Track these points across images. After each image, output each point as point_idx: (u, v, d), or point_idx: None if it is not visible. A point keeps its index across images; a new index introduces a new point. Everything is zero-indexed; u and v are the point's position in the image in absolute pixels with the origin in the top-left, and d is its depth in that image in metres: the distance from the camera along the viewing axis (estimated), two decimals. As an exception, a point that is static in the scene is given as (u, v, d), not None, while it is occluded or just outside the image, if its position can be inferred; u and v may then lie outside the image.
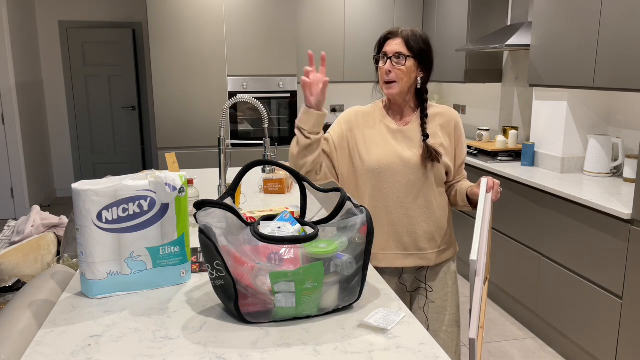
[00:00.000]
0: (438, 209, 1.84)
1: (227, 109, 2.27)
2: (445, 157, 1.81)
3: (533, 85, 3.40)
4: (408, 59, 1.72)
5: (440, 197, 1.85)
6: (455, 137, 1.84)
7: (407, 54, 1.72)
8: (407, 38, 1.72)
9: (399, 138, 1.81)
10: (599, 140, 3.13)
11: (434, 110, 1.84)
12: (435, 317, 1.90)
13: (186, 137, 4.93)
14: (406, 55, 1.72)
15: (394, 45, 1.73)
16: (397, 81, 1.74)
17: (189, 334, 1.25)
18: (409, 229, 1.82)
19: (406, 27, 1.78)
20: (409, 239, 1.83)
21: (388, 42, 1.74)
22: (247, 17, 4.84)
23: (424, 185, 1.80)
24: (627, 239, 2.43)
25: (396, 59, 1.72)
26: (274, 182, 2.70)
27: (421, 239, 1.83)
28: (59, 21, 6.35)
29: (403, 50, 1.72)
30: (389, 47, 1.73)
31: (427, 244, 1.84)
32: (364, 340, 1.22)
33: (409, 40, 1.72)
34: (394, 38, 1.74)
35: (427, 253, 1.85)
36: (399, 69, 1.73)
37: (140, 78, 6.68)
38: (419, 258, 1.85)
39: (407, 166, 1.78)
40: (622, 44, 2.65)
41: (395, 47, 1.72)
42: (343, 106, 5.71)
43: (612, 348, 2.55)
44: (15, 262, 2.22)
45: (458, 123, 1.85)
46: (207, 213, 1.29)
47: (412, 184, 1.79)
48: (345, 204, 1.43)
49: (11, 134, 5.59)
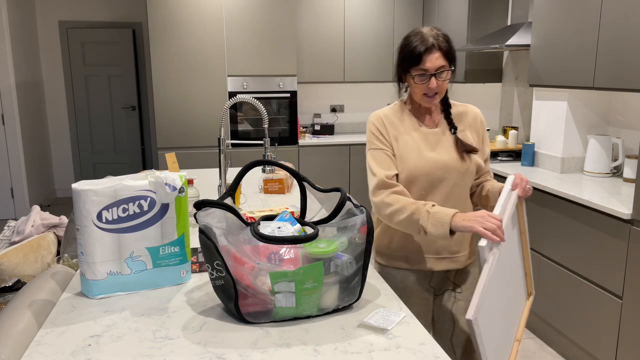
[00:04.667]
0: (471, 208, 1.82)
1: (227, 109, 2.27)
2: (477, 155, 1.78)
3: (533, 85, 3.40)
4: (448, 72, 1.64)
5: (469, 204, 1.83)
6: (481, 133, 1.82)
7: (449, 66, 1.64)
8: (445, 49, 1.63)
9: (432, 141, 1.75)
10: (599, 140, 3.13)
11: (457, 110, 1.80)
12: (461, 319, 1.88)
13: (186, 137, 4.93)
14: (448, 69, 1.64)
15: (435, 60, 1.62)
16: (439, 93, 1.68)
17: (189, 334, 1.25)
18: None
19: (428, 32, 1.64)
20: (443, 242, 1.80)
21: (426, 57, 1.61)
22: (247, 17, 4.84)
23: (460, 187, 1.76)
24: (627, 239, 2.43)
25: (439, 75, 1.63)
26: (274, 182, 2.70)
27: (454, 242, 1.80)
28: (59, 21, 6.35)
29: (445, 64, 1.63)
30: (430, 64, 1.61)
31: (459, 247, 1.81)
32: (364, 340, 1.22)
33: (448, 52, 1.63)
34: (433, 52, 1.61)
35: (458, 256, 1.83)
36: (442, 84, 1.65)
37: (140, 78, 6.68)
38: (450, 261, 1.83)
39: (446, 170, 1.73)
40: (622, 44, 2.65)
41: (437, 62, 1.62)
42: (343, 106, 5.71)
43: (612, 348, 2.55)
44: (15, 262, 2.22)
45: (482, 120, 1.82)
46: (207, 213, 1.29)
47: (450, 187, 1.75)
48: (345, 204, 1.43)
49: (11, 134, 5.59)
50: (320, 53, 5.23)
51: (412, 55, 1.63)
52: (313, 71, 5.25)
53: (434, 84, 1.64)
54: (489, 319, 1.43)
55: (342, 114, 5.73)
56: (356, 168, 5.24)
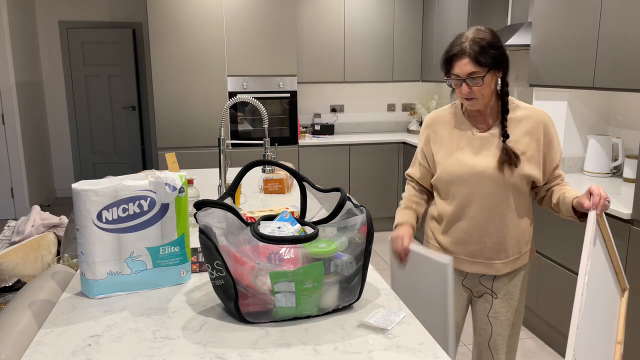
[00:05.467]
0: (513, 220, 1.74)
1: (227, 109, 2.27)
2: (528, 166, 1.69)
3: (533, 85, 3.40)
4: (481, 78, 1.58)
5: (520, 207, 1.75)
6: (545, 142, 1.70)
7: (481, 71, 1.57)
8: (474, 56, 1.56)
9: (476, 146, 1.71)
10: (599, 140, 3.13)
11: (520, 114, 1.70)
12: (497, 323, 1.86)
13: (186, 137, 4.93)
14: (481, 75, 1.58)
15: (464, 67, 1.57)
16: (477, 97, 1.62)
17: (189, 334, 1.25)
18: (477, 239, 1.77)
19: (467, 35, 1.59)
20: (476, 248, 1.78)
21: (455, 63, 1.58)
22: (247, 17, 4.84)
23: (499, 197, 1.71)
24: (627, 239, 2.43)
25: (471, 80, 1.58)
26: (274, 182, 2.70)
27: (489, 250, 1.77)
28: (59, 21, 6.35)
29: (475, 70, 1.57)
30: (458, 69, 1.58)
31: (495, 255, 1.78)
32: (364, 340, 1.22)
33: (478, 57, 1.56)
34: (461, 58, 1.57)
35: (494, 263, 1.79)
36: (477, 88, 1.60)
37: (140, 78, 6.68)
38: (485, 267, 1.80)
39: (481, 177, 1.69)
40: (622, 44, 2.65)
41: (466, 69, 1.57)
42: (343, 106, 5.71)
43: (612, 348, 2.55)
44: (15, 262, 2.22)
45: (548, 125, 1.70)
46: (207, 213, 1.29)
47: (486, 196, 1.71)
48: (345, 204, 1.43)
49: (11, 134, 5.59)
50: (320, 53, 5.23)
51: (445, 58, 1.63)
52: (313, 71, 5.25)
53: (465, 89, 1.60)
54: (587, 346, 1.37)
55: (342, 114, 5.73)
56: (356, 168, 5.24)
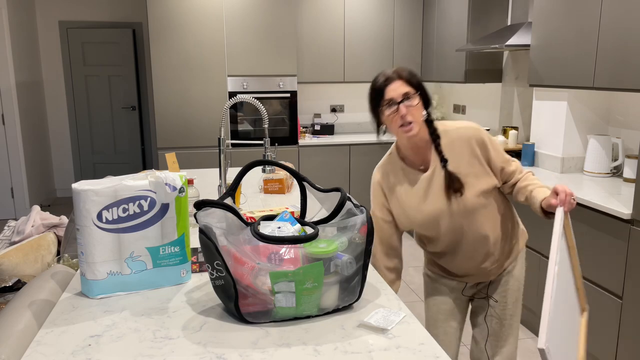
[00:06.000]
0: (491, 231, 1.78)
1: (227, 109, 2.27)
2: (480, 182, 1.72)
3: (533, 85, 3.40)
4: (414, 96, 1.64)
5: (492, 217, 1.77)
6: (482, 154, 1.73)
7: (414, 91, 1.64)
8: (406, 76, 1.65)
9: (423, 189, 1.75)
10: (599, 140, 3.13)
11: (450, 137, 1.73)
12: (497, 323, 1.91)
13: (186, 137, 4.93)
14: (413, 93, 1.64)
15: (398, 89, 1.63)
16: (414, 121, 1.65)
17: (189, 334, 1.25)
18: (463, 263, 1.84)
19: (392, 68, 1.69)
20: (467, 267, 1.85)
21: (388, 88, 1.64)
22: (247, 17, 4.84)
23: (466, 224, 1.75)
24: (627, 239, 2.43)
25: (407, 100, 1.63)
26: (274, 182, 2.70)
27: (479, 263, 1.83)
28: (59, 21, 6.35)
29: (409, 90, 1.64)
30: (393, 93, 1.63)
31: (486, 263, 1.83)
32: (364, 340, 1.22)
33: (410, 78, 1.65)
34: (393, 82, 1.64)
35: (489, 268, 1.85)
36: (413, 109, 1.64)
37: (140, 78, 6.68)
38: (480, 276, 1.87)
39: (440, 217, 1.74)
40: (622, 44, 2.65)
41: (400, 90, 1.63)
42: (343, 106, 5.71)
43: (612, 348, 2.55)
44: (15, 262, 2.22)
45: (478, 138, 1.72)
46: (207, 213, 1.29)
47: (453, 230, 1.76)
48: (345, 204, 1.43)
49: (11, 134, 5.59)
50: (320, 53, 5.23)
51: (376, 91, 1.67)
52: (313, 71, 5.25)
53: (402, 110, 1.63)
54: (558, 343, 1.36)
55: (342, 114, 5.73)
56: (356, 168, 5.24)
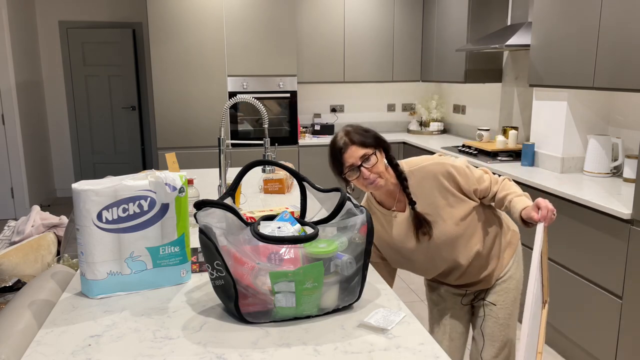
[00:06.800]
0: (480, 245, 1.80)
1: (227, 109, 2.27)
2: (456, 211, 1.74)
3: (533, 85, 3.40)
4: (372, 156, 1.65)
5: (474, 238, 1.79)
6: (453, 185, 1.73)
7: (370, 151, 1.65)
8: (358, 140, 1.65)
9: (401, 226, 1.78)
10: (599, 140, 3.13)
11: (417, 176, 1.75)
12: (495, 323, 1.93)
13: (186, 137, 4.93)
14: (370, 153, 1.65)
15: (354, 153, 1.65)
16: (378, 177, 1.68)
17: (189, 334, 1.25)
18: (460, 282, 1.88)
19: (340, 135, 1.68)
20: (465, 281, 1.89)
21: (345, 156, 1.65)
22: (247, 17, 4.84)
23: (452, 252, 1.77)
24: (627, 239, 2.43)
25: (366, 162, 1.65)
26: (274, 182, 2.70)
27: (475, 276, 1.86)
28: (59, 21, 6.35)
29: (365, 151, 1.65)
30: (351, 160, 1.65)
31: (478, 276, 1.86)
32: (364, 340, 1.22)
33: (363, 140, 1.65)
34: (348, 148, 1.65)
35: (482, 278, 1.87)
36: (374, 167, 1.66)
37: (140, 78, 6.68)
38: (476, 286, 1.90)
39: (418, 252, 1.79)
40: (622, 44, 2.65)
41: (357, 153, 1.64)
42: (343, 106, 5.71)
43: (612, 348, 2.55)
44: (15, 262, 2.22)
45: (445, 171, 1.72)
46: (207, 213, 1.29)
47: (438, 262, 1.80)
48: (345, 204, 1.43)
49: (11, 134, 5.59)
50: (320, 53, 5.23)
51: (336, 159, 1.68)
52: (313, 71, 5.25)
53: (365, 173, 1.65)
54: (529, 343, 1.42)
55: (342, 114, 5.73)
56: (356, 168, 5.24)
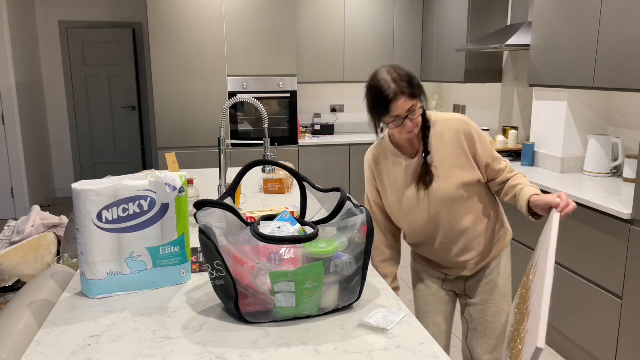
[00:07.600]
0: (470, 224, 1.79)
1: (227, 109, 2.27)
2: (463, 174, 1.73)
3: (533, 85, 3.40)
4: (419, 108, 1.64)
5: (472, 210, 1.78)
6: (469, 146, 1.73)
7: (417, 103, 1.64)
8: (408, 92, 1.61)
9: (407, 172, 1.78)
10: (599, 140, 3.13)
11: (440, 127, 1.75)
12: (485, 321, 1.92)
13: (186, 137, 4.93)
14: (418, 106, 1.64)
15: (403, 105, 1.61)
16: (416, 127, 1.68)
17: (189, 334, 1.25)
18: (442, 254, 1.86)
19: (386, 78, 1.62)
20: (444, 260, 1.88)
21: (393, 106, 1.61)
22: (247, 17, 4.83)
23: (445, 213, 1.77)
24: (627, 239, 2.43)
25: (412, 114, 1.63)
26: (274, 182, 2.70)
27: (456, 256, 1.85)
28: (59, 21, 6.34)
29: (413, 103, 1.62)
30: (399, 111, 1.61)
31: (464, 257, 1.85)
32: (364, 340, 1.22)
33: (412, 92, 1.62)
34: (398, 99, 1.60)
35: (468, 263, 1.86)
36: (417, 119, 1.65)
37: (140, 78, 6.68)
38: (459, 269, 1.89)
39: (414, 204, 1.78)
40: (622, 44, 2.65)
41: (405, 106, 1.61)
42: (343, 106, 5.71)
43: (612, 348, 2.55)
44: (15, 262, 2.22)
45: (466, 130, 1.73)
46: (207, 213, 1.29)
47: (430, 218, 1.79)
48: (345, 204, 1.43)
49: (11, 134, 5.59)
50: (320, 53, 5.23)
51: (379, 106, 1.64)
52: (313, 71, 5.25)
53: (409, 126, 1.64)
54: None
55: (342, 114, 5.73)
56: (356, 168, 5.24)
